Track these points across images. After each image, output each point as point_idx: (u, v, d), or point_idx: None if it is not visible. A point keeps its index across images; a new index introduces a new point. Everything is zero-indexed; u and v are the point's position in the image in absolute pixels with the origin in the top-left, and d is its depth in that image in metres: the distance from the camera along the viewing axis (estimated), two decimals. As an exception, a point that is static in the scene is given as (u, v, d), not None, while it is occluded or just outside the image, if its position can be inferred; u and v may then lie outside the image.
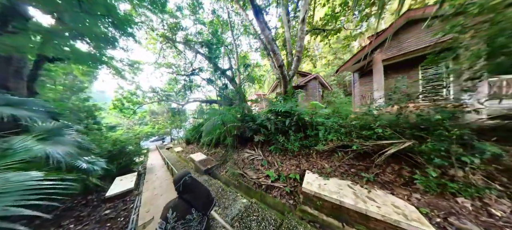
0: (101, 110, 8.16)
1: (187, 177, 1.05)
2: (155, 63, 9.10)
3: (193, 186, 1.06)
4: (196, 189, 1.07)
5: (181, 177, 1.04)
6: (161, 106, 14.31)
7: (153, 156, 12.03)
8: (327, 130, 2.98)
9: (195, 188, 1.07)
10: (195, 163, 5.41)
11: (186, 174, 1.07)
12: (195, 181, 1.10)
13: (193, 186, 1.06)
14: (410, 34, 4.54)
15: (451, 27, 1.97)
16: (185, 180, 1.04)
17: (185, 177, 1.05)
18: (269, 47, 3.63)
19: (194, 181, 1.09)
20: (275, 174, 3.04)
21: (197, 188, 1.08)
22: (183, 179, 1.03)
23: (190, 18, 8.70)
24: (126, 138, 6.91)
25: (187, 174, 1.07)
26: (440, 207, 1.71)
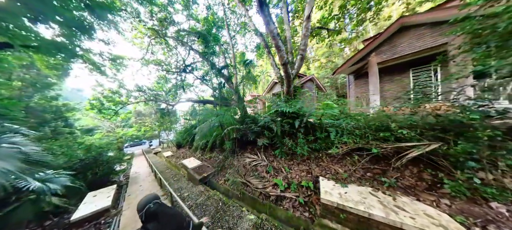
0: (74, 111, 6.93)
1: (151, 204, 0.92)
2: (142, 60, 8.20)
3: (160, 214, 0.91)
4: (164, 218, 0.91)
5: (144, 205, 0.91)
6: (148, 107, 12.95)
7: (138, 162, 10.68)
8: (339, 131, 2.79)
9: (161, 216, 0.91)
10: (188, 171, 4.79)
11: (151, 200, 0.94)
12: (162, 206, 0.96)
13: (159, 213, 0.91)
14: (404, 39, 4.77)
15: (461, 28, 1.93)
16: (148, 208, 0.90)
17: (149, 204, 0.92)
18: (274, 43, 3.38)
19: (161, 207, 0.95)
20: (284, 182, 2.71)
21: (164, 216, 0.92)
22: (146, 207, 0.90)
23: (183, 13, 8.14)
24: (105, 143, 5.90)
25: (153, 200, 0.94)
26: (474, 214, 1.56)
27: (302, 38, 3.82)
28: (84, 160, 4.83)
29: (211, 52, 3.99)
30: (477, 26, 1.73)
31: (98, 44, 6.19)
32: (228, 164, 4.19)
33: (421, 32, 4.36)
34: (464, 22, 1.91)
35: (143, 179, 6.45)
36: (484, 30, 1.73)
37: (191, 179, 4.56)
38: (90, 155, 5.11)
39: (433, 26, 4.13)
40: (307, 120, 3.04)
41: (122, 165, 6.89)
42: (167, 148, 13.62)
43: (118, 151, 6.96)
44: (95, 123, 7.59)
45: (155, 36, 7.86)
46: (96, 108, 6.05)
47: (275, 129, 3.06)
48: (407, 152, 2.02)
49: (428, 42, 4.25)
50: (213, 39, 3.77)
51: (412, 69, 5.09)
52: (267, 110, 4.76)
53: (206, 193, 3.40)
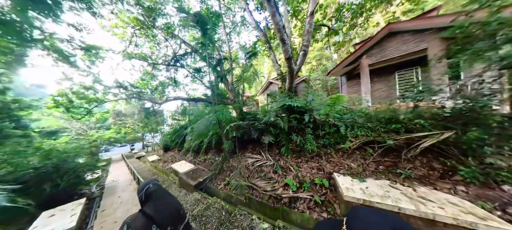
0: (31, 109, 5.52)
1: (150, 184, 0.90)
2: (124, 53, 7.24)
3: (157, 196, 0.87)
4: (161, 200, 0.86)
5: (144, 185, 0.89)
6: (130, 106, 11.38)
7: (116, 168, 9.16)
8: (348, 125, 2.74)
9: (159, 198, 0.87)
10: (180, 176, 4.18)
11: (151, 181, 0.93)
12: (161, 189, 0.93)
13: (156, 195, 0.87)
14: (391, 44, 5.25)
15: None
16: (148, 188, 0.88)
17: (149, 184, 0.90)
18: (278, 35, 3.26)
19: (160, 189, 0.92)
20: (295, 182, 2.49)
21: (162, 199, 0.88)
22: (146, 187, 0.88)
23: (173, 5, 7.58)
24: (73, 148, 4.82)
25: (152, 181, 0.93)
26: (490, 197, 1.59)
27: (305, 34, 3.81)
28: (39, 169, 3.80)
29: (208, 43, 3.64)
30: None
31: (68, 29, 5.16)
32: (227, 166, 3.80)
33: (406, 38, 4.85)
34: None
35: (123, 189, 5.46)
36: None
37: (183, 186, 3.98)
38: (50, 162, 4.06)
39: (415, 33, 4.64)
40: (315, 115, 2.93)
41: (96, 173, 5.72)
42: (152, 152, 12.17)
43: (91, 157, 5.79)
44: (60, 124, 6.19)
45: (140, 26, 7.08)
46: (63, 107, 4.91)
47: (282, 125, 2.86)
48: (420, 142, 2.04)
49: (412, 47, 4.74)
50: (212, 26, 3.45)
51: (398, 72, 5.61)
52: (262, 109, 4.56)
53: (204, 201, 2.94)
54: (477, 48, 1.82)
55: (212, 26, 3.47)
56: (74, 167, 4.63)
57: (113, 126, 12.76)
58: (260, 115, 4.31)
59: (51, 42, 4.57)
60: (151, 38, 8.03)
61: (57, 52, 4.76)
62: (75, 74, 5.89)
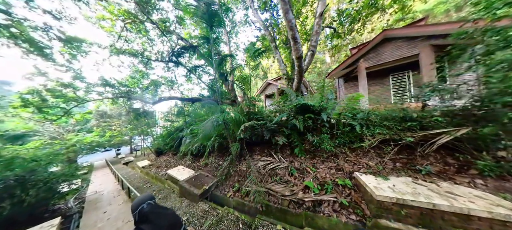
0: None
1: (144, 205, 0.88)
2: (112, 48, 6.53)
3: (154, 215, 0.87)
4: (159, 218, 0.87)
5: (137, 205, 0.88)
6: (117, 107, 10.21)
7: (99, 177, 8.05)
8: (363, 125, 2.76)
9: (155, 217, 0.87)
10: (181, 184, 3.76)
11: (145, 200, 0.91)
12: (157, 207, 0.92)
13: (153, 215, 0.87)
14: (386, 49, 5.64)
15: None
16: (142, 209, 0.87)
17: (143, 205, 0.88)
18: (290, 34, 3.22)
19: (155, 208, 0.91)
20: (316, 184, 2.39)
21: (159, 217, 0.88)
22: (139, 208, 0.87)
23: (169, 1, 7.15)
24: (46, 154, 4.04)
25: (147, 200, 0.91)
26: (508, 189, 1.68)
27: (314, 35, 3.85)
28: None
29: (214, 38, 3.42)
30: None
31: (43, 17, 4.38)
32: (235, 171, 3.55)
33: (400, 44, 5.25)
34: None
35: (109, 201, 4.75)
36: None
37: (185, 195, 3.58)
38: (11, 173, 3.31)
39: (408, 39, 5.05)
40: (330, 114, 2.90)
41: (74, 184, 4.88)
42: (142, 156, 11.06)
43: (68, 164, 4.94)
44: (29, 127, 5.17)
45: (132, 20, 6.49)
46: (33, 106, 4.06)
47: (298, 125, 2.76)
48: (437, 139, 2.11)
49: (405, 52, 5.13)
50: (219, 20, 3.25)
51: (392, 74, 6.03)
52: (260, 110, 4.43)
53: (213, 213, 2.63)
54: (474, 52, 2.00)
55: (219, 20, 3.27)
56: (45, 177, 3.85)
57: (96, 128, 11.28)
58: (264, 115, 4.19)
59: (21, 29, 3.82)
60: (144, 33, 7.43)
61: (28, 42, 4.00)
62: (50, 69, 5.05)
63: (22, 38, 4.02)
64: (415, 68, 5.22)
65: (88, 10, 6.04)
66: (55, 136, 8.13)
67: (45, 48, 4.52)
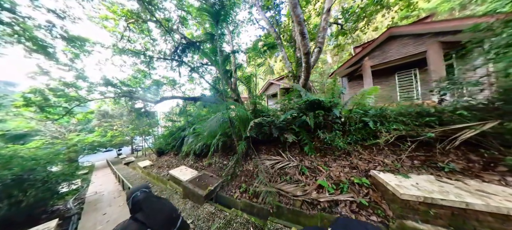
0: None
1: (138, 192, 0.87)
2: (115, 47, 6.51)
3: (148, 203, 0.84)
4: (152, 206, 0.84)
5: (131, 193, 0.87)
6: (118, 107, 10.15)
7: (100, 177, 7.91)
8: (376, 121, 2.64)
9: (151, 205, 0.84)
10: (184, 185, 3.63)
11: (139, 189, 0.90)
12: (151, 196, 0.90)
13: (147, 203, 0.84)
14: (392, 46, 5.57)
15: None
16: (135, 196, 0.85)
17: (136, 192, 0.87)
18: (298, 29, 3.15)
19: (149, 196, 0.89)
20: (330, 183, 2.26)
21: (154, 206, 0.86)
22: (132, 195, 0.86)
23: (172, 1, 7.17)
24: (46, 154, 3.95)
25: (141, 189, 0.90)
26: (543, 188, 1.55)
27: (321, 31, 3.78)
28: None
29: (220, 34, 3.35)
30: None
31: (47, 15, 4.37)
32: (241, 171, 3.42)
33: (406, 41, 5.18)
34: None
35: (109, 202, 4.62)
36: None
37: (189, 196, 3.44)
38: (8, 172, 3.19)
39: (415, 37, 4.98)
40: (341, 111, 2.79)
41: (73, 184, 4.75)
42: (143, 156, 10.92)
43: (69, 164, 4.83)
44: (31, 126, 5.10)
45: (135, 19, 6.49)
46: (35, 105, 3.99)
47: (309, 121, 2.65)
48: (459, 134, 1.99)
49: (411, 49, 5.06)
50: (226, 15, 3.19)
51: (397, 73, 5.95)
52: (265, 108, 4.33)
53: (220, 215, 2.49)
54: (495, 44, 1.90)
55: (225, 14, 3.20)
56: (44, 177, 3.74)
57: (98, 128, 11.21)
58: (270, 113, 4.08)
59: (25, 27, 3.78)
60: (146, 33, 7.44)
61: (31, 40, 3.95)
62: (53, 68, 5.01)
63: (25, 36, 3.98)
64: (422, 66, 5.14)
65: (91, 10, 6.05)
66: (56, 136, 8.05)
67: (48, 47, 4.48)
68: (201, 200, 2.99)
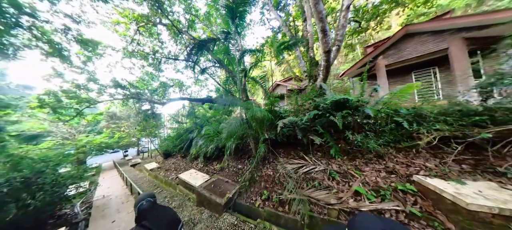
0: (9, 109, 4.43)
1: (144, 202, 0.98)
2: (125, 50, 6.57)
3: (153, 212, 0.96)
4: (157, 215, 0.95)
5: (138, 201, 0.98)
6: (126, 108, 10.20)
7: (107, 180, 7.78)
8: (411, 121, 2.43)
9: (154, 214, 0.95)
10: (199, 191, 3.38)
11: (145, 198, 1.00)
12: (155, 205, 1.01)
13: (151, 212, 0.95)
14: (409, 44, 5.38)
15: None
16: (141, 205, 0.96)
17: (142, 201, 0.98)
18: (320, 26, 3.03)
19: (154, 206, 1.00)
20: (368, 189, 2.04)
21: (157, 214, 0.96)
22: (139, 204, 0.97)
23: (179, 5, 7.27)
24: (56, 154, 3.85)
25: (146, 198, 1.00)
26: None
27: (340, 29, 3.65)
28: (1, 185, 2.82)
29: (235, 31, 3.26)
30: None
31: (63, 19, 4.45)
32: (259, 176, 3.20)
33: (424, 38, 4.99)
34: None
35: (117, 208, 4.44)
36: None
37: (204, 204, 3.21)
38: (18, 174, 3.09)
39: (434, 33, 4.79)
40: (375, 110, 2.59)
41: (82, 187, 4.62)
42: (149, 158, 10.80)
43: (77, 165, 4.73)
44: (44, 127, 5.11)
45: (145, 22, 6.56)
46: (49, 107, 3.98)
47: (337, 122, 2.46)
48: (519, 135, 1.76)
49: (431, 47, 4.85)
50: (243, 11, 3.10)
51: (414, 72, 5.72)
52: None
53: (245, 227, 2.25)
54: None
55: (242, 12, 3.11)
56: (53, 180, 3.62)
57: (106, 130, 11.27)
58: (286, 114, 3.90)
59: (43, 31, 3.81)
60: (155, 36, 7.51)
61: (48, 43, 3.98)
62: (67, 70, 5.04)
63: (43, 39, 4.00)
64: (442, 63, 4.91)
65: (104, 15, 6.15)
66: (67, 137, 8.07)
67: (64, 50, 4.51)
68: (219, 209, 2.77)
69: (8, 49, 3.49)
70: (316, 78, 4.37)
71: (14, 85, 24.72)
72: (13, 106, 4.44)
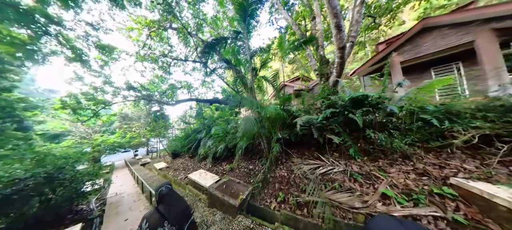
0: (36, 110, 4.84)
1: (163, 188, 1.09)
2: (137, 55, 6.89)
3: (169, 198, 1.07)
4: (172, 202, 1.07)
5: (158, 188, 1.10)
6: (137, 110, 10.66)
7: (120, 177, 8.06)
8: (442, 118, 2.22)
9: (170, 200, 1.07)
10: (210, 192, 3.30)
11: (164, 185, 1.12)
12: (173, 192, 1.12)
13: (168, 198, 1.07)
14: (427, 39, 5.06)
15: None
16: (161, 191, 1.07)
17: (162, 187, 1.09)
18: (334, 22, 2.93)
19: (171, 192, 1.10)
20: (397, 192, 1.86)
21: (173, 201, 1.08)
22: (159, 189, 1.08)
23: (188, 10, 7.54)
24: (75, 152, 4.04)
25: (165, 185, 1.12)
26: None
27: (354, 24, 3.51)
28: (22, 181, 2.99)
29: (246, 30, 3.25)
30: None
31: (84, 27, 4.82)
32: (273, 177, 3.09)
33: (446, 32, 4.66)
34: None
35: (129, 206, 4.51)
36: None
37: (216, 205, 3.14)
38: (42, 170, 3.24)
39: (457, 26, 4.45)
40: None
41: (97, 184, 4.79)
42: (157, 158, 11.11)
43: (93, 163, 4.93)
44: (65, 127, 5.49)
45: (156, 27, 6.86)
46: (70, 108, 4.27)
47: (358, 120, 2.31)
48: None
49: (453, 40, 4.51)
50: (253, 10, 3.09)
51: (433, 68, 5.34)
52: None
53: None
54: None
55: (253, 11, 3.10)
56: (72, 176, 3.78)
57: (118, 130, 11.90)
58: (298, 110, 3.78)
59: (67, 38, 4.13)
60: (166, 40, 7.82)
61: (72, 50, 4.28)
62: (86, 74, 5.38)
63: (67, 46, 4.30)
64: (467, 58, 4.54)
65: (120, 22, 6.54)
66: (84, 136, 8.59)
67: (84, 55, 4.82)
68: (233, 211, 2.68)
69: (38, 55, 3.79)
70: (328, 76, 4.23)
71: (41, 90, 27.02)
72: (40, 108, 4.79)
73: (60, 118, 4.83)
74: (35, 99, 4.76)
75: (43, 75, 79.46)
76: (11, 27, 3.20)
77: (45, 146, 3.88)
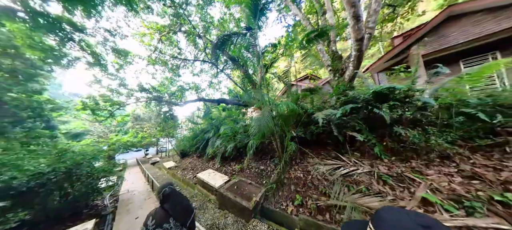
0: (63, 110, 5.28)
1: (167, 188, 1.16)
2: (149, 58, 7.22)
3: (173, 197, 1.14)
4: (175, 200, 1.14)
5: (161, 188, 1.17)
6: (148, 111, 11.18)
7: (132, 175, 8.34)
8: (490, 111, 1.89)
9: (174, 199, 1.14)
10: (221, 193, 3.16)
11: (167, 185, 1.19)
12: (175, 192, 1.18)
13: (172, 197, 1.14)
14: (452, 28, 4.58)
15: None
16: (165, 191, 1.14)
17: (165, 188, 1.16)
18: (351, 12, 2.73)
19: (174, 192, 1.17)
20: (442, 198, 1.58)
21: (176, 199, 1.15)
22: (163, 190, 1.15)
23: (196, 14, 7.77)
24: (92, 150, 4.21)
25: (168, 185, 1.19)
26: None
27: (372, 15, 3.27)
28: (45, 174, 3.14)
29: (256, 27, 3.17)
30: None
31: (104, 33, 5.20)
32: (287, 178, 2.90)
33: (478, 18, 4.18)
34: None
35: (140, 204, 4.55)
36: None
37: (227, 207, 3.00)
38: (62, 165, 3.40)
39: (493, 10, 3.96)
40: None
41: (111, 181, 4.97)
42: (166, 157, 11.43)
43: (108, 161, 5.14)
44: (86, 127, 5.92)
45: (167, 31, 7.15)
46: (89, 109, 4.57)
47: (384, 115, 2.06)
48: None
49: (491, 26, 3.99)
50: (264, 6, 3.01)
51: (463, 60, 4.80)
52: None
53: None
54: None
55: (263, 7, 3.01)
56: (88, 172, 3.94)
57: (131, 130, 12.57)
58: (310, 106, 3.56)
59: (88, 44, 4.45)
60: (175, 43, 8.10)
61: (92, 55, 4.60)
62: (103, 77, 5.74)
63: (88, 51, 4.60)
64: (505, 47, 3.99)
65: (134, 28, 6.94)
66: (101, 135, 9.18)
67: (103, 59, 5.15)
68: (246, 213, 2.51)
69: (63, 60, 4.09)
70: (342, 72, 3.98)
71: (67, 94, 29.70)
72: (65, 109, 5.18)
73: (81, 118, 5.19)
74: (61, 101, 5.16)
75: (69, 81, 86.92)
76: (43, 35, 3.49)
77: (68, 144, 4.12)
